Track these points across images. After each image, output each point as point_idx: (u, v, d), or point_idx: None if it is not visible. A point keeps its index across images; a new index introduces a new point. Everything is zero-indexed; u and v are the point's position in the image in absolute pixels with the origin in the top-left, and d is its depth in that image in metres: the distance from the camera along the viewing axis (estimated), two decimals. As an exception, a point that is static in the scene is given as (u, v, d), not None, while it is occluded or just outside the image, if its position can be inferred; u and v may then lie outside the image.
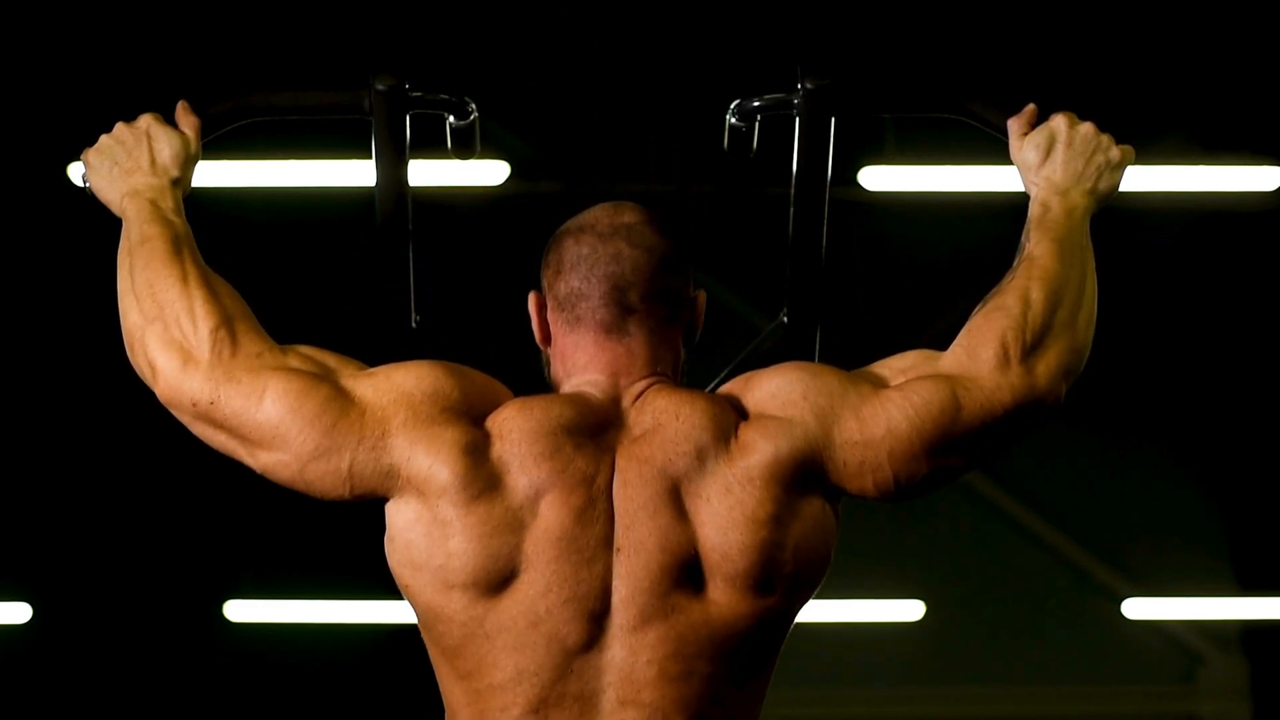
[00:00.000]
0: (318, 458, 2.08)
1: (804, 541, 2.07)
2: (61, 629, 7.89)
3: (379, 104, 2.35)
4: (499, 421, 2.08)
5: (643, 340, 2.16)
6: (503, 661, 2.03)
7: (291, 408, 2.08)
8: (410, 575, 2.07)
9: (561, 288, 2.18)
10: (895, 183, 6.53)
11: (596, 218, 2.19)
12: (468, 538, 2.03)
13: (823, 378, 2.13)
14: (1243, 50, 6.31)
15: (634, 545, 2.03)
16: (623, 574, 2.03)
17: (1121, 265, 6.91)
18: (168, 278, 2.17)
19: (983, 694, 8.39)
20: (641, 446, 2.08)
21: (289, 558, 7.70)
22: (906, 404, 2.10)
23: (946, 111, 2.43)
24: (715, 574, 2.04)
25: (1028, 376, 2.14)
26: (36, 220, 6.72)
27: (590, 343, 2.16)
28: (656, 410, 2.10)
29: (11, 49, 6.15)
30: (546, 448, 2.05)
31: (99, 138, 2.33)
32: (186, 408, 2.14)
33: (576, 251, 2.17)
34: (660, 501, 2.05)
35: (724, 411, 2.10)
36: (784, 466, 2.07)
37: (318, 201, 6.47)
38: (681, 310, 2.20)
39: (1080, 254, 2.25)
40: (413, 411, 2.08)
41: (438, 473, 2.04)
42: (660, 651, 2.02)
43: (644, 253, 2.16)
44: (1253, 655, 8.41)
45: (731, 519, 2.04)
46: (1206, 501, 7.96)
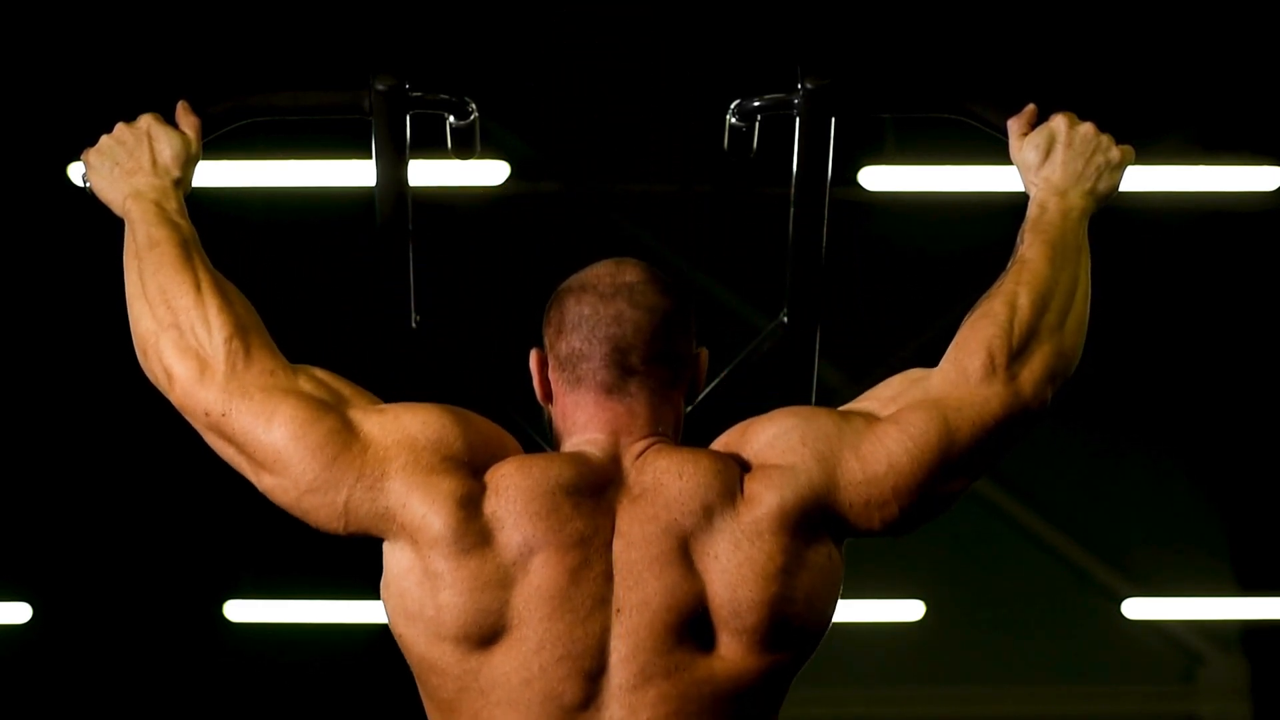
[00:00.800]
0: (315, 490, 2.08)
1: (813, 592, 2.06)
2: (61, 629, 7.88)
3: (379, 104, 2.35)
4: (498, 477, 2.07)
5: (644, 401, 2.14)
6: (498, 717, 2.02)
7: (296, 435, 2.08)
8: (404, 625, 2.07)
9: (563, 347, 2.16)
10: (895, 183, 6.53)
11: (598, 276, 2.17)
12: (457, 591, 2.02)
13: (817, 421, 2.13)
14: (1243, 50, 6.31)
15: (637, 604, 2.02)
16: (622, 633, 2.02)
17: (1121, 265, 6.91)
18: (181, 284, 2.17)
19: (983, 694, 8.38)
20: (644, 506, 2.06)
21: (289, 558, 7.69)
22: (904, 437, 2.10)
23: (946, 111, 2.43)
24: (724, 630, 2.03)
25: (1012, 384, 2.14)
26: (36, 220, 6.72)
27: (591, 403, 2.15)
28: (658, 470, 2.09)
29: (11, 49, 6.15)
30: (543, 506, 2.04)
31: (99, 138, 2.33)
32: (200, 416, 2.14)
33: (578, 312, 2.15)
34: (667, 560, 2.03)
35: (727, 466, 2.09)
36: (790, 515, 2.06)
37: (318, 201, 6.47)
38: (684, 370, 2.18)
39: (1073, 256, 2.25)
40: (414, 457, 2.07)
41: (431, 522, 2.04)
42: (661, 710, 2.01)
43: (646, 314, 2.14)
44: (1253, 655, 8.40)
45: (741, 575, 2.03)
46: (1206, 501, 7.95)
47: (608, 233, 6.65)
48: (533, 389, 2.23)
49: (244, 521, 7.59)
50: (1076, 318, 2.22)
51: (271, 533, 7.81)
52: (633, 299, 2.14)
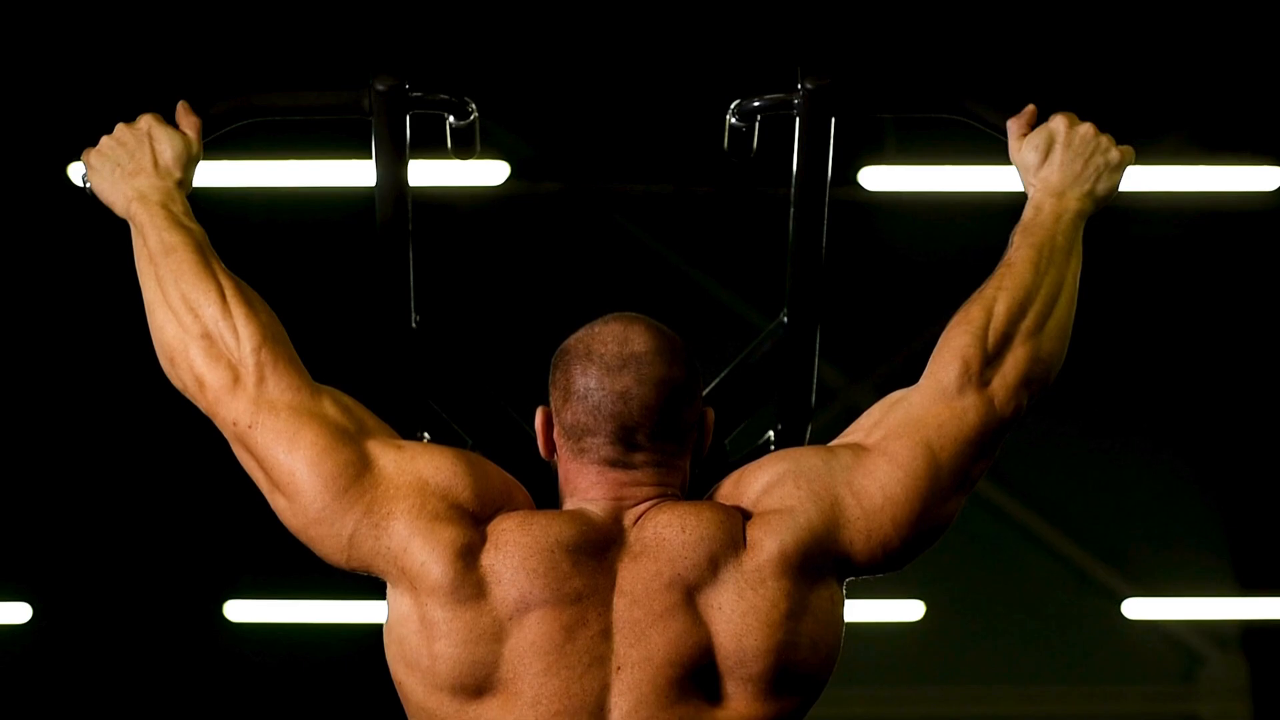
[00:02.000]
0: (322, 520, 2.10)
1: (818, 637, 2.07)
2: (61, 629, 7.88)
3: (379, 104, 2.35)
4: (499, 531, 2.07)
5: (648, 472, 2.13)
6: None
7: (313, 461, 2.09)
8: (403, 672, 2.08)
9: (568, 417, 2.14)
10: (895, 183, 6.53)
11: (605, 345, 2.13)
12: (452, 642, 2.03)
13: (807, 461, 2.13)
14: (1243, 50, 6.31)
15: (639, 660, 2.02)
16: (624, 689, 2.01)
17: (1121, 265, 6.91)
18: (205, 291, 2.17)
19: (983, 694, 8.38)
20: (646, 562, 2.06)
21: (289, 558, 7.66)
22: (894, 467, 2.11)
23: (946, 112, 2.43)
24: (730, 679, 2.03)
25: (986, 391, 2.15)
26: (36, 220, 6.72)
27: (594, 473, 2.13)
28: (659, 525, 2.08)
29: (11, 49, 6.15)
30: (541, 563, 2.04)
31: (99, 139, 2.33)
32: (228, 425, 2.15)
33: (584, 384, 2.12)
34: (671, 615, 2.03)
35: (729, 516, 2.09)
36: (792, 559, 2.06)
37: (318, 201, 6.47)
38: (689, 438, 2.17)
39: (1061, 260, 2.24)
40: (421, 500, 2.07)
41: (430, 570, 2.04)
42: None
43: (652, 389, 2.11)
44: (1253, 655, 8.40)
45: (746, 624, 2.03)
46: (1206, 501, 7.95)
47: (608, 233, 6.65)
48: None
49: (244, 521, 7.58)
50: (1057, 322, 2.20)
51: (271, 533, 7.80)
52: (640, 374, 2.11)
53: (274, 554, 7.76)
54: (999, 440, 2.16)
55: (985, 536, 8.09)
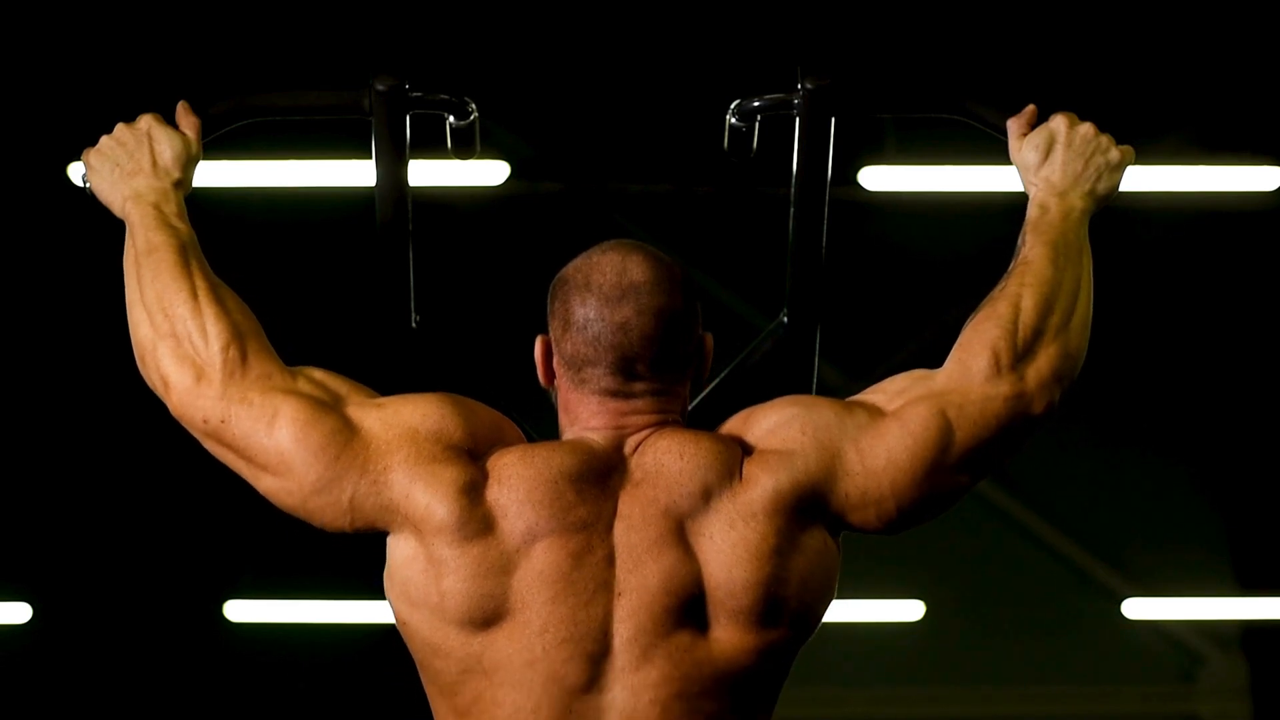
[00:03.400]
0: (320, 490, 2.09)
1: (807, 575, 2.07)
2: (61, 629, 7.89)
3: (379, 104, 2.35)
4: (500, 465, 2.08)
5: (648, 400, 2.15)
6: (500, 698, 2.03)
7: (298, 436, 2.09)
8: (407, 611, 2.08)
9: (567, 347, 2.15)
10: (895, 183, 6.53)
11: (603, 275, 2.14)
12: (461, 577, 2.03)
13: (819, 410, 2.13)
14: (1243, 50, 6.31)
15: (637, 587, 2.03)
16: (624, 616, 2.03)
17: (1121, 266, 6.91)
18: (178, 291, 2.17)
19: (983, 694, 8.39)
20: (645, 489, 2.08)
21: (289, 558, 7.69)
22: (904, 433, 2.10)
23: (946, 111, 2.43)
24: (720, 611, 2.04)
25: (1019, 384, 2.14)
26: (36, 220, 6.72)
27: (595, 403, 2.15)
28: (659, 451, 2.10)
29: (11, 49, 6.15)
30: (546, 494, 2.05)
31: (99, 138, 2.33)
32: (198, 424, 2.15)
33: (583, 314, 2.13)
34: (665, 542, 2.05)
35: (727, 449, 2.10)
36: (785, 500, 2.07)
37: (318, 201, 6.47)
38: (689, 366, 2.18)
39: (1076, 257, 2.24)
40: (415, 448, 2.08)
41: (435, 510, 2.05)
42: (663, 692, 2.02)
43: (652, 319, 2.12)
44: (1253, 655, 8.40)
45: (735, 555, 2.04)
46: (1206, 501, 7.95)
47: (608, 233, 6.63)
48: (535, 379, 2.23)
49: (244, 521, 7.59)
50: (1081, 318, 2.21)
51: (271, 533, 7.82)
52: (639, 304, 2.12)
53: (274, 554, 7.79)
54: (1024, 436, 2.15)
55: (985, 536, 8.09)
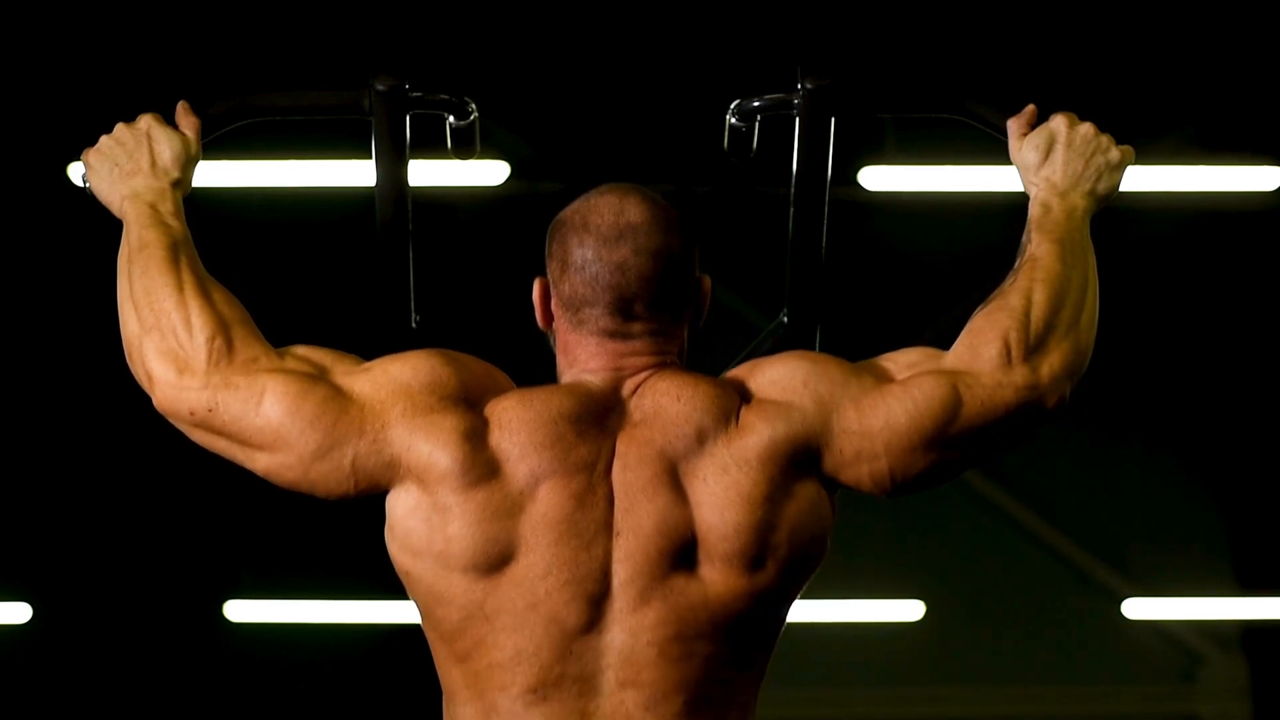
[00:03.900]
0: (320, 457, 2.09)
1: (798, 523, 2.08)
2: (61, 629, 7.88)
3: (379, 104, 2.35)
4: (499, 410, 2.09)
5: (646, 341, 2.16)
6: (502, 642, 2.04)
7: (291, 409, 2.09)
8: (410, 561, 2.08)
9: (565, 288, 2.17)
10: (895, 183, 6.53)
11: (601, 216, 2.17)
12: (466, 522, 2.04)
13: (825, 367, 2.14)
14: (1243, 50, 6.31)
15: (632, 528, 2.05)
16: (622, 557, 2.04)
17: (1122, 265, 6.91)
18: (164, 286, 2.17)
19: (983, 694, 8.39)
20: (642, 430, 2.09)
21: (289, 558, 7.70)
22: (907, 398, 2.11)
23: (946, 111, 2.43)
24: (712, 554, 2.05)
25: (1031, 375, 2.14)
26: (36, 220, 6.72)
27: (594, 344, 2.16)
28: (657, 393, 2.12)
29: (11, 49, 6.15)
30: (547, 436, 2.07)
31: (99, 138, 2.33)
32: (184, 416, 2.14)
33: (581, 254, 2.16)
34: (658, 483, 2.06)
35: (725, 394, 2.11)
36: (780, 449, 2.08)
37: (318, 201, 6.47)
38: (687, 307, 2.20)
39: (1082, 255, 2.24)
40: (411, 402, 2.09)
41: (438, 459, 2.06)
42: (660, 633, 2.03)
43: (649, 260, 2.15)
44: (1253, 655, 8.40)
45: (727, 498, 2.05)
46: (1206, 501, 7.95)
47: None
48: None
49: (244, 521, 7.59)
50: (1089, 315, 2.22)
51: (271, 533, 7.82)
52: (636, 245, 2.15)
53: (274, 554, 7.79)
54: (1027, 428, 2.15)
55: (985, 536, 8.09)
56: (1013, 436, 2.16)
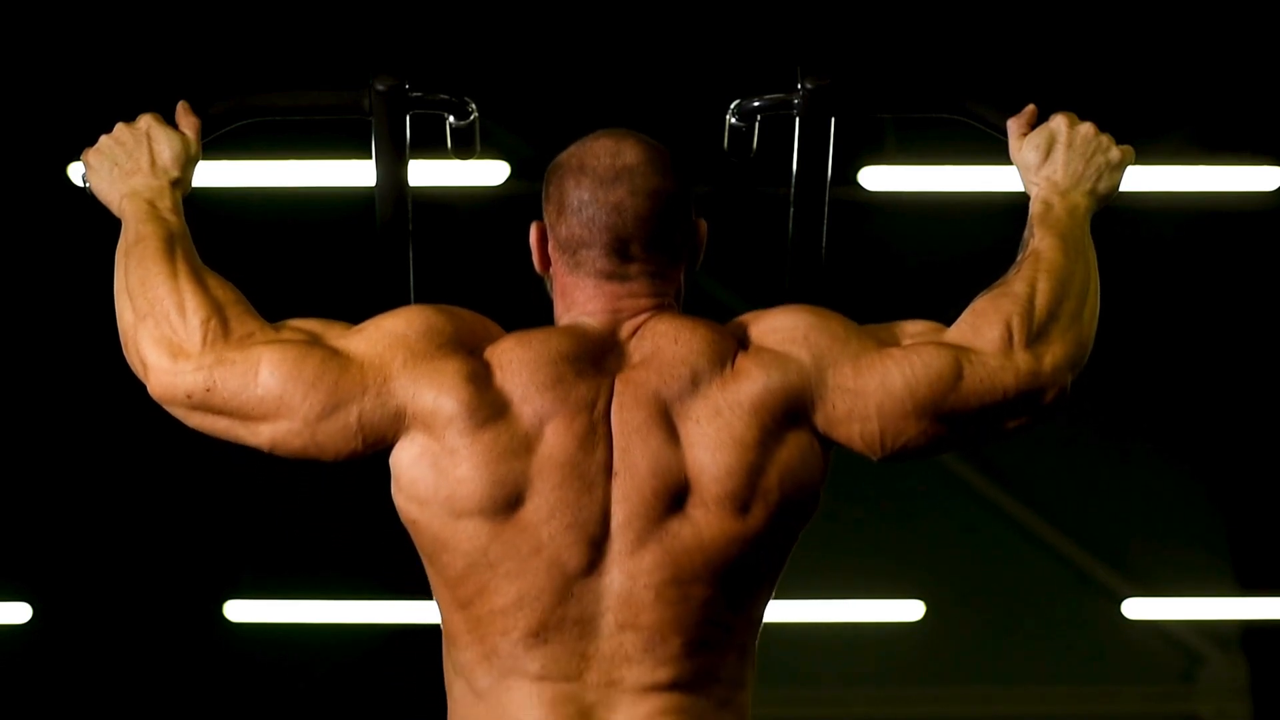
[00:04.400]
0: (326, 417, 2.09)
1: (789, 470, 2.09)
2: (61, 629, 7.88)
3: (379, 104, 2.35)
4: (498, 353, 2.11)
5: (644, 283, 2.19)
6: (504, 588, 2.05)
7: (291, 375, 2.10)
8: (417, 510, 2.09)
9: (562, 230, 2.20)
10: (895, 183, 6.52)
11: (597, 158, 2.19)
12: (475, 464, 2.05)
13: (829, 322, 2.16)
14: (1243, 50, 6.31)
15: (629, 468, 2.06)
16: (619, 498, 2.06)
17: (1121, 265, 6.90)
18: (158, 274, 2.18)
19: (983, 694, 8.38)
20: (639, 371, 2.11)
21: (289, 558, 7.69)
22: (906, 364, 2.12)
23: (946, 111, 2.43)
24: (705, 496, 2.06)
25: (1034, 363, 2.14)
26: (36, 220, 6.72)
27: (591, 285, 2.19)
28: (656, 336, 2.14)
29: (11, 49, 6.15)
30: (548, 377, 2.08)
31: (99, 138, 2.33)
32: (181, 400, 2.14)
33: (578, 196, 2.18)
34: (652, 425, 2.08)
35: (722, 338, 2.14)
36: (773, 397, 2.09)
37: (318, 201, 6.47)
38: (683, 248, 2.23)
39: (1084, 251, 2.25)
40: (410, 351, 2.10)
41: (444, 404, 2.07)
42: (657, 576, 2.05)
43: (645, 200, 2.17)
44: (1253, 655, 8.40)
45: (719, 440, 2.07)
46: (1206, 501, 7.95)
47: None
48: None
49: (244, 521, 7.59)
50: (1091, 310, 2.22)
51: (271, 533, 7.82)
52: (633, 185, 2.17)
53: (274, 554, 7.79)
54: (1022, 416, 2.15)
55: (985, 536, 8.09)
56: (1004, 422, 2.15)
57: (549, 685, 2.04)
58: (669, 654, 2.05)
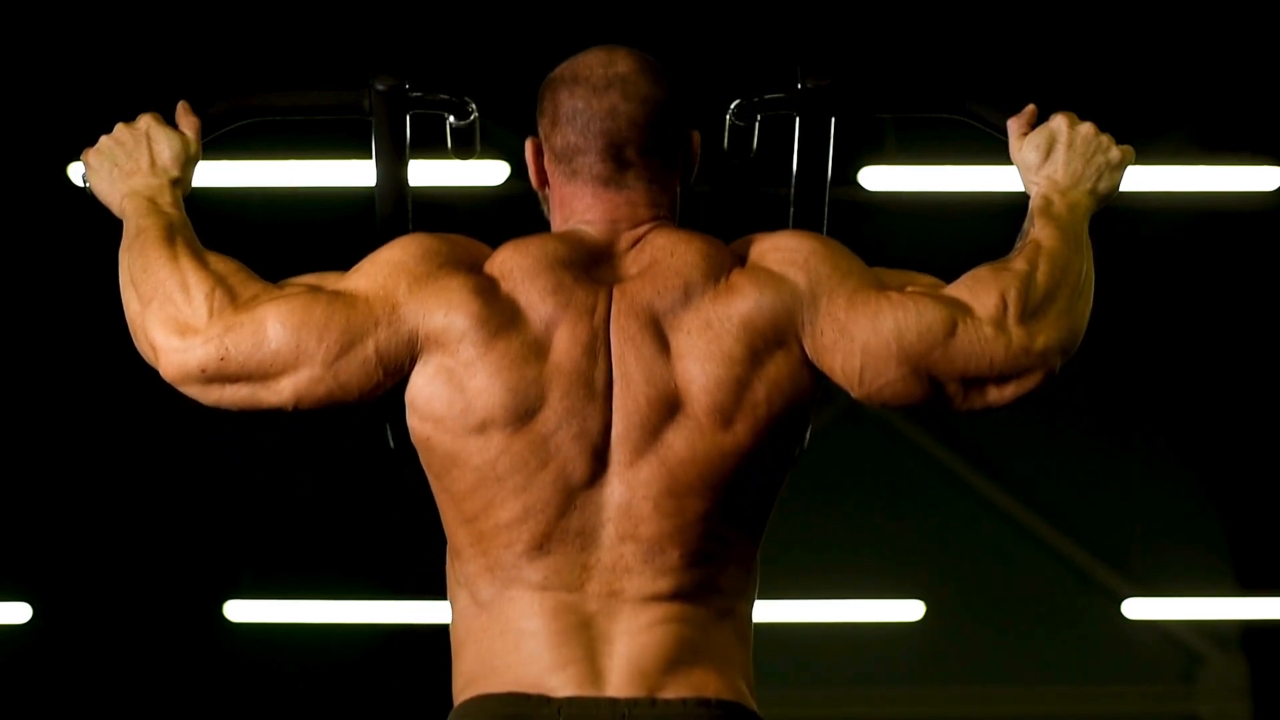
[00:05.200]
0: (343, 355, 2.10)
1: (776, 387, 2.09)
2: (61, 629, 7.89)
3: (379, 104, 2.35)
4: (498, 264, 2.13)
5: (641, 190, 2.20)
6: (510, 502, 2.07)
7: (301, 323, 2.11)
8: (431, 428, 2.10)
9: (558, 140, 2.21)
10: (895, 183, 6.53)
11: (590, 67, 2.20)
12: (489, 374, 2.07)
13: (834, 251, 2.16)
14: (1243, 50, 6.31)
15: (625, 377, 2.08)
16: (618, 407, 2.07)
17: (1121, 265, 6.91)
18: (158, 259, 2.18)
19: (983, 694, 8.39)
20: (636, 283, 2.12)
21: (289, 558, 7.70)
22: (900, 309, 2.12)
23: (946, 111, 2.43)
24: (695, 408, 2.07)
25: (1025, 339, 2.14)
26: (36, 220, 6.72)
27: (589, 194, 2.20)
28: (654, 249, 2.15)
29: (11, 49, 6.15)
30: (549, 283, 2.10)
31: (99, 138, 2.33)
32: (196, 375, 2.14)
33: (571, 105, 2.19)
34: (646, 335, 2.09)
35: (719, 253, 2.15)
36: (763, 316, 2.10)
37: (318, 201, 6.47)
38: (677, 156, 2.24)
39: (1083, 248, 2.25)
40: (412, 276, 2.12)
41: (454, 320, 2.09)
42: (654, 488, 2.06)
43: (639, 105, 2.18)
44: (1253, 655, 8.41)
45: (708, 352, 2.08)
46: (1206, 501, 7.96)
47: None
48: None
49: (244, 521, 7.60)
50: (1085, 302, 2.22)
51: (271, 533, 7.83)
52: (625, 91, 2.18)
53: (274, 554, 7.79)
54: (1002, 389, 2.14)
55: (985, 536, 8.10)
56: (983, 392, 2.14)
57: (550, 595, 2.06)
58: (668, 565, 2.06)
